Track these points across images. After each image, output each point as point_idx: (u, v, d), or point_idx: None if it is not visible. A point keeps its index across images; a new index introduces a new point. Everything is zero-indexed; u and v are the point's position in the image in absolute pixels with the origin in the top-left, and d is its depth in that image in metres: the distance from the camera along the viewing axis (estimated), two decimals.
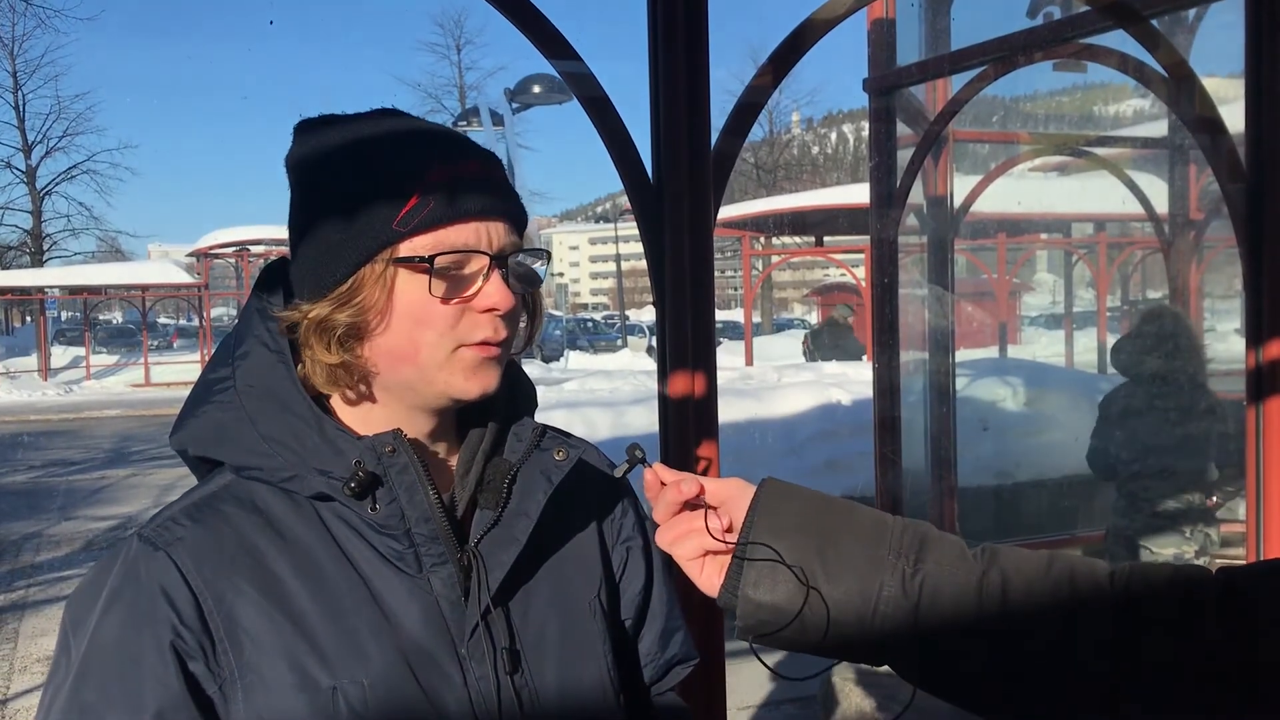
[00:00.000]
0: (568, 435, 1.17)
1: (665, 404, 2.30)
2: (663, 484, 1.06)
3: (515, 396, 1.16)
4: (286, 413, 1.04)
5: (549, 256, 1.15)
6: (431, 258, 1.02)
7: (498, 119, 16.21)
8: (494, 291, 1.04)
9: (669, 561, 1.11)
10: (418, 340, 1.04)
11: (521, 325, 1.13)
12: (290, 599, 1.02)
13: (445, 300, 1.03)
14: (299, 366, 1.06)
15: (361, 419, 1.09)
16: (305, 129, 1.10)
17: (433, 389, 1.06)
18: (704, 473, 2.28)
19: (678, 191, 2.24)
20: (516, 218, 1.09)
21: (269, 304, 1.09)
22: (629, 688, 1.23)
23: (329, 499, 1.05)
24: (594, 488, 1.22)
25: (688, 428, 2.28)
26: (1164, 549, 4.67)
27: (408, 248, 1.02)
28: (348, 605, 1.03)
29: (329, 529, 1.05)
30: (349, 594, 1.03)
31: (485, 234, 1.05)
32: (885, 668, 1.02)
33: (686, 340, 2.27)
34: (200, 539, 1.02)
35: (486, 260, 1.05)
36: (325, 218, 1.05)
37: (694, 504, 1.05)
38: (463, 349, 1.05)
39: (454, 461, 1.15)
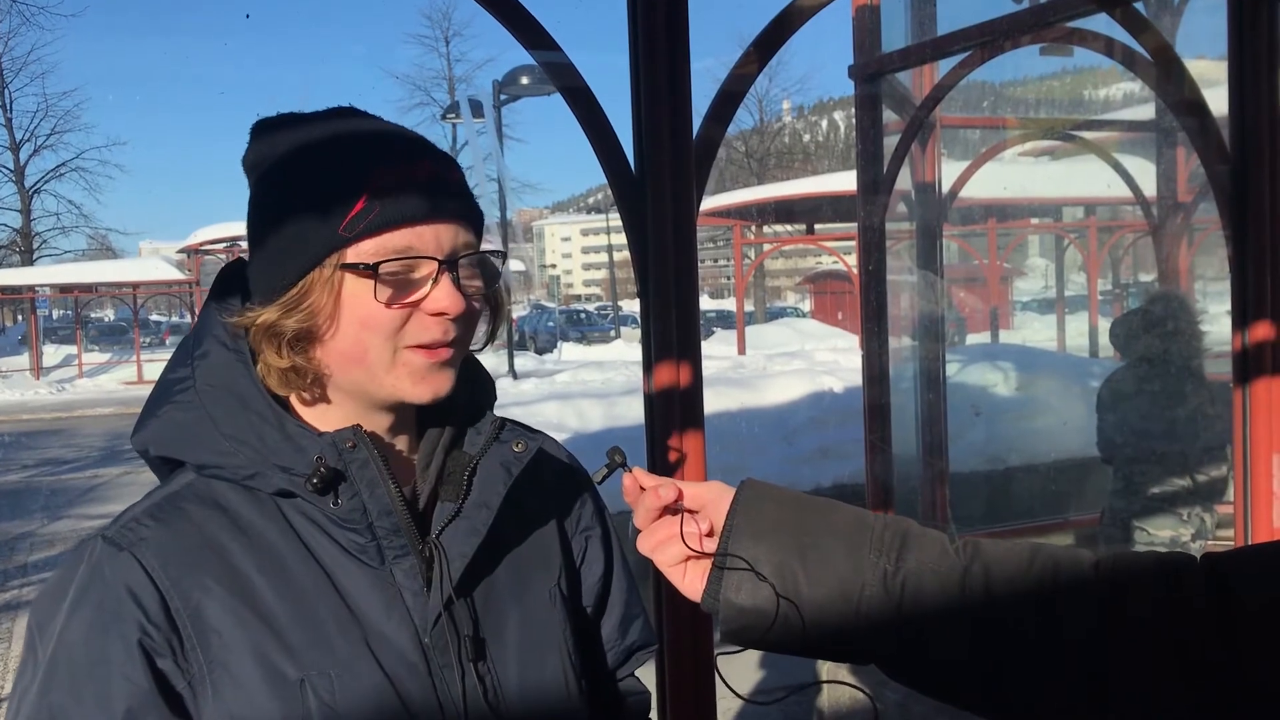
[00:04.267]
0: (526, 427, 1.18)
1: (650, 395, 2.29)
2: (642, 489, 1.05)
3: (474, 390, 1.16)
4: (247, 411, 1.04)
5: (505, 256, 1.15)
6: (375, 265, 1.01)
7: (483, 112, 16.18)
8: (442, 296, 1.03)
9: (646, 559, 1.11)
10: (365, 343, 1.04)
11: (483, 322, 1.13)
12: (256, 594, 1.02)
13: (390, 305, 1.02)
14: (257, 366, 1.06)
15: (320, 416, 1.10)
16: (262, 130, 1.10)
17: (382, 391, 1.06)
18: (682, 459, 2.29)
19: (660, 181, 2.23)
20: (470, 218, 1.08)
21: (226, 305, 1.09)
22: (590, 674, 1.23)
23: (291, 495, 1.05)
24: (552, 478, 1.24)
25: (673, 419, 2.27)
26: (1160, 531, 4.67)
27: (354, 253, 1.02)
28: (312, 599, 1.03)
29: (291, 525, 1.06)
30: (313, 588, 1.04)
31: (434, 237, 1.04)
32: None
33: (671, 330, 2.26)
34: (164, 538, 1.03)
35: (435, 264, 1.04)
36: (275, 221, 1.04)
37: (674, 509, 1.04)
38: (407, 352, 1.05)
39: (415, 455, 1.15)
